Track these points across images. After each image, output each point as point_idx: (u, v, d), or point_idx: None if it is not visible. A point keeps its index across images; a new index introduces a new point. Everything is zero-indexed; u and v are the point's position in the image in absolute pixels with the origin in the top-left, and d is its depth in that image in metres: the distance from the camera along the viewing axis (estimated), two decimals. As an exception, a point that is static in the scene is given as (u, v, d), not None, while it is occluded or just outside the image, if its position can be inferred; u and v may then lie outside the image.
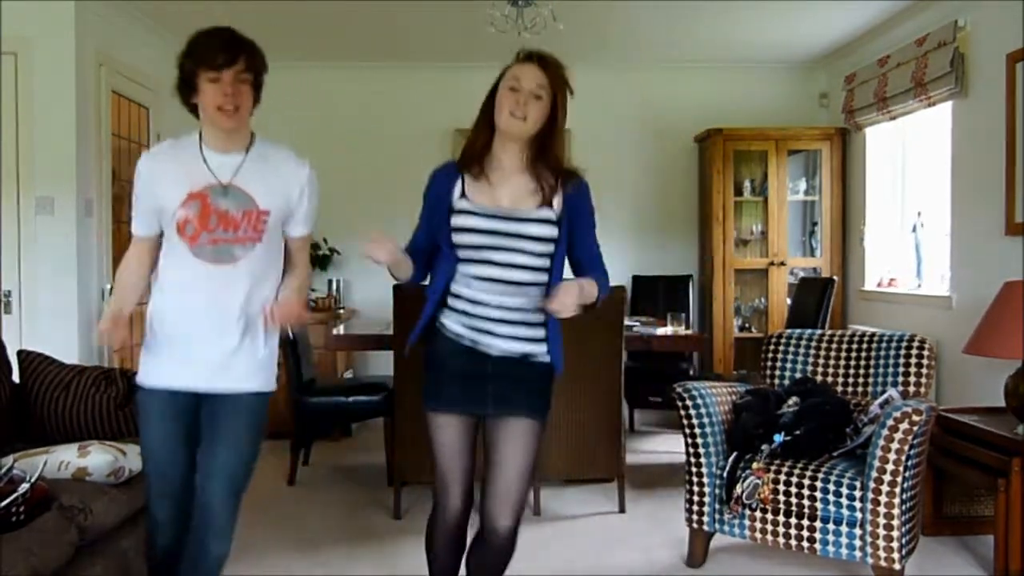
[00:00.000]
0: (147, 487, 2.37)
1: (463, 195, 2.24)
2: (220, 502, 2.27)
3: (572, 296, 2.11)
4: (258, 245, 2.27)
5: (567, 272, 2.29)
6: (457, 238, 2.23)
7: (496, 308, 2.23)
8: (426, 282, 2.36)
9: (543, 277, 2.26)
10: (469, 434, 2.31)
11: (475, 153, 2.27)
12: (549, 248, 2.23)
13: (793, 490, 2.97)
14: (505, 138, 2.24)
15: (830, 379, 3.44)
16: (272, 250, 2.34)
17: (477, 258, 2.23)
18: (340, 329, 4.65)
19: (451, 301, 2.29)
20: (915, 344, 3.27)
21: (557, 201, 2.25)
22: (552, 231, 2.22)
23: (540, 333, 2.27)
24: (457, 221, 2.22)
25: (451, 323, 2.28)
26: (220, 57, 2.20)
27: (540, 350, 2.27)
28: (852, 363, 3.42)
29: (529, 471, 2.29)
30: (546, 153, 2.24)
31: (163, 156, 2.34)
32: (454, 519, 2.33)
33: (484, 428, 2.32)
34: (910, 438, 2.79)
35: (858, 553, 2.88)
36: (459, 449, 2.30)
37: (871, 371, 3.35)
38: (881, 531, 2.83)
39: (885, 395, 3.18)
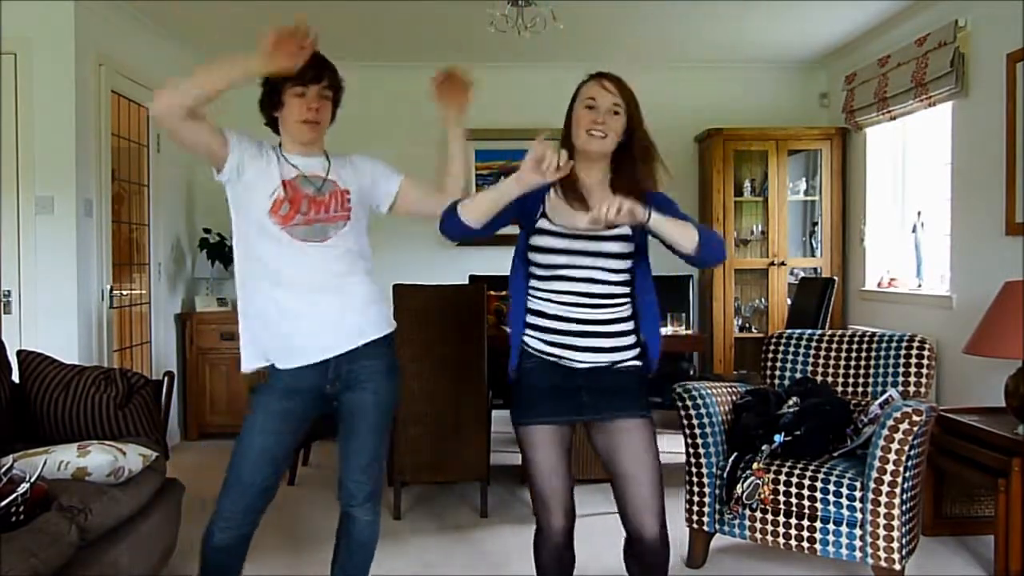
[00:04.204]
0: (228, 479, 2.38)
1: (543, 214, 2.26)
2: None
3: (613, 200, 2.00)
4: (348, 223, 2.39)
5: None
6: (534, 256, 2.26)
7: (576, 323, 2.24)
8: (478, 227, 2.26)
9: (624, 288, 2.28)
10: (563, 449, 2.30)
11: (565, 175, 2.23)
12: (627, 263, 2.25)
13: (793, 490, 2.97)
14: (585, 158, 2.26)
15: (830, 379, 3.44)
16: (360, 232, 2.45)
17: (554, 275, 2.25)
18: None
19: (530, 319, 2.31)
20: (915, 344, 3.27)
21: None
22: (629, 247, 2.24)
23: (627, 341, 2.29)
24: (536, 241, 2.25)
25: (533, 341, 2.30)
26: (308, 73, 2.32)
27: (628, 356, 2.29)
28: (852, 363, 3.42)
29: (659, 472, 2.27)
30: (625, 172, 2.26)
31: (256, 148, 2.41)
32: (559, 538, 2.32)
33: (595, 441, 2.32)
34: (910, 438, 2.79)
35: (858, 553, 2.88)
36: (554, 466, 2.28)
37: (871, 371, 3.35)
38: (881, 531, 2.83)
39: (885, 395, 3.18)
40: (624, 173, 2.27)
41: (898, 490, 2.81)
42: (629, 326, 2.30)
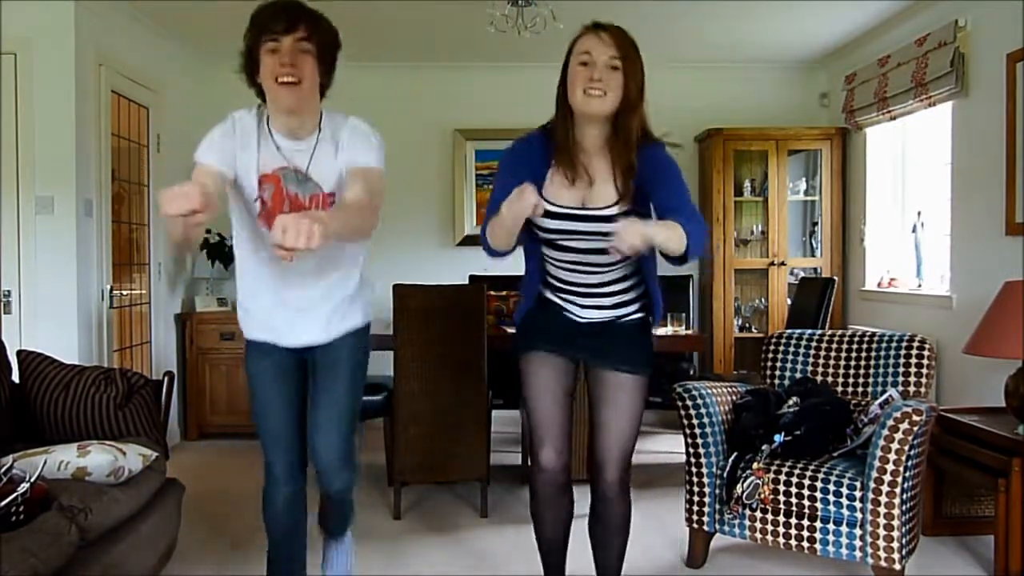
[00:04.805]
0: (263, 441, 2.43)
1: (543, 195, 2.14)
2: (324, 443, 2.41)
3: (630, 236, 1.91)
4: None
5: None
6: (538, 230, 2.22)
7: (579, 286, 2.27)
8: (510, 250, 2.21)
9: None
10: (563, 380, 2.29)
11: (561, 142, 2.16)
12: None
13: (793, 490, 2.97)
14: (583, 120, 2.12)
15: (830, 379, 3.44)
16: None
17: (556, 244, 2.24)
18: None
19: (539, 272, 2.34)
20: (915, 344, 3.27)
21: (632, 183, 2.16)
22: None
23: (630, 296, 2.30)
24: (538, 220, 2.17)
25: (543, 291, 2.34)
26: (279, 24, 2.07)
27: (631, 310, 2.31)
28: (852, 363, 3.42)
29: (633, 428, 2.29)
30: (624, 133, 2.12)
31: (246, 126, 2.22)
32: (553, 476, 2.29)
33: (589, 386, 2.33)
34: (910, 438, 2.79)
35: (858, 553, 2.88)
36: (553, 393, 2.26)
37: (871, 371, 3.35)
38: (881, 531, 2.83)
39: (885, 395, 3.18)
40: (622, 134, 2.13)
41: (898, 490, 2.81)
42: (632, 282, 2.31)
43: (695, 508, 3.21)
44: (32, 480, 2.34)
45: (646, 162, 2.16)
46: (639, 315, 2.34)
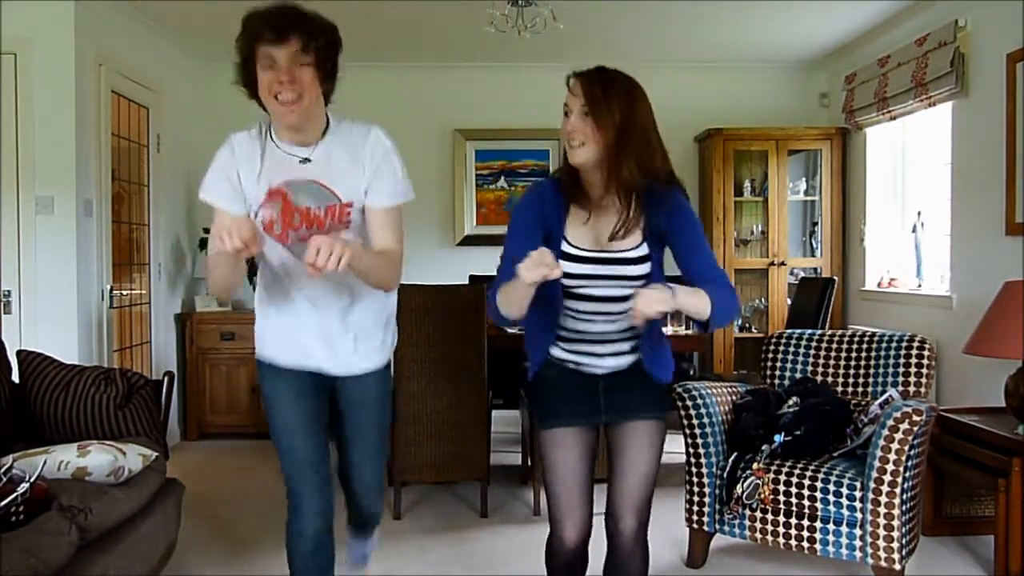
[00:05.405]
0: (285, 468, 2.34)
1: (564, 238, 2.14)
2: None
3: (650, 302, 1.90)
4: (346, 232, 2.12)
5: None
6: (560, 280, 2.13)
7: (597, 335, 2.21)
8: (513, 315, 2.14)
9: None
10: (587, 454, 2.24)
11: (572, 189, 2.16)
12: (647, 269, 2.15)
13: (793, 490, 2.97)
14: (583, 169, 2.13)
15: (830, 379, 3.44)
16: (365, 232, 2.19)
17: (576, 293, 2.18)
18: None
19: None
20: (915, 344, 3.27)
21: (644, 225, 2.13)
22: (647, 267, 2.15)
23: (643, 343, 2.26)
24: (562, 265, 2.11)
25: (553, 349, 2.25)
26: (272, 36, 1.92)
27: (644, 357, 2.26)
28: (852, 363, 3.42)
29: (654, 472, 2.24)
30: (619, 177, 2.08)
31: (248, 147, 2.13)
32: (569, 554, 2.22)
33: (607, 439, 2.28)
34: (910, 438, 2.79)
35: (858, 553, 2.88)
36: (576, 471, 2.20)
37: (871, 371, 3.35)
38: (881, 531, 2.83)
39: (885, 395, 3.18)
40: (617, 178, 2.10)
41: (898, 490, 2.81)
42: (651, 323, 2.24)
43: (695, 508, 3.21)
44: (32, 480, 2.34)
45: (668, 208, 2.14)
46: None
